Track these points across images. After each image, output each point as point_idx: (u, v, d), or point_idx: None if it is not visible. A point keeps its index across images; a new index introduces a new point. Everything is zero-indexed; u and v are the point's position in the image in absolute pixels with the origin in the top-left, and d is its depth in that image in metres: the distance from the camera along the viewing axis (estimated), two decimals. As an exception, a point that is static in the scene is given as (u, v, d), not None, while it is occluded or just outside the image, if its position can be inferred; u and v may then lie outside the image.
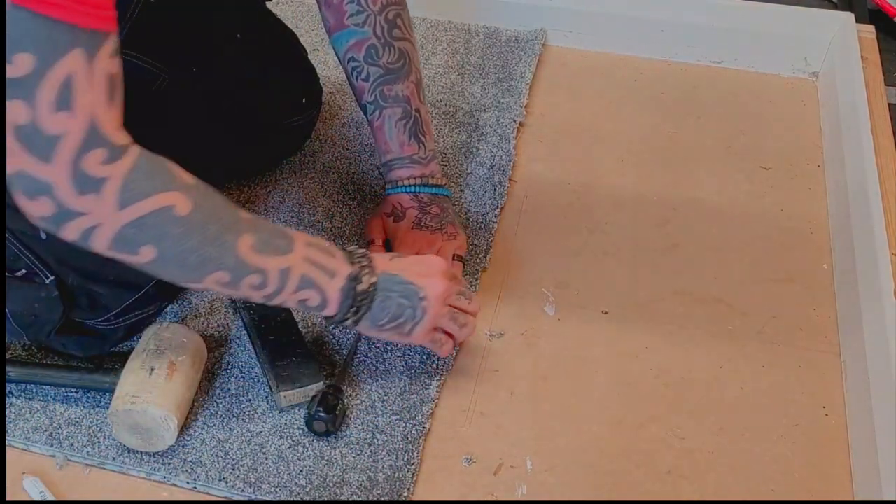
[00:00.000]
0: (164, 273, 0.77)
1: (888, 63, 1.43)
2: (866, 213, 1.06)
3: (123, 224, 0.71)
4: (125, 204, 0.70)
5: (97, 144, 0.68)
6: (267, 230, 0.80)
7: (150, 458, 0.87)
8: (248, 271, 0.78)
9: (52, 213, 0.70)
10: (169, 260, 0.74)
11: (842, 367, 0.99)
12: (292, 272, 0.81)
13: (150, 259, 0.74)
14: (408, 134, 1.05)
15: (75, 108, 0.66)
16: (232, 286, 0.79)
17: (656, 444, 0.91)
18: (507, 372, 0.97)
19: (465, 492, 0.87)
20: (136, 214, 0.71)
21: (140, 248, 0.73)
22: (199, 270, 0.76)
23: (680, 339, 1.01)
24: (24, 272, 0.89)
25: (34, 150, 0.66)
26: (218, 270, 0.76)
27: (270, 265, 0.79)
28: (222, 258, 0.76)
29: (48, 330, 0.90)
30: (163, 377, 0.86)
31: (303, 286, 0.82)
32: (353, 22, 1.02)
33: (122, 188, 0.69)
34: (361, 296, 0.85)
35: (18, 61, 0.63)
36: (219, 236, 0.75)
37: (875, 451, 0.86)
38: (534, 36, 1.45)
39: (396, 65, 1.03)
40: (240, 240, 0.77)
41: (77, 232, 0.71)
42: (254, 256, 0.78)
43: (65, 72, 0.64)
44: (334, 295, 0.84)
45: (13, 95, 0.64)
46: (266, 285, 0.80)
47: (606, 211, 1.17)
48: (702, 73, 1.43)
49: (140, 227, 0.71)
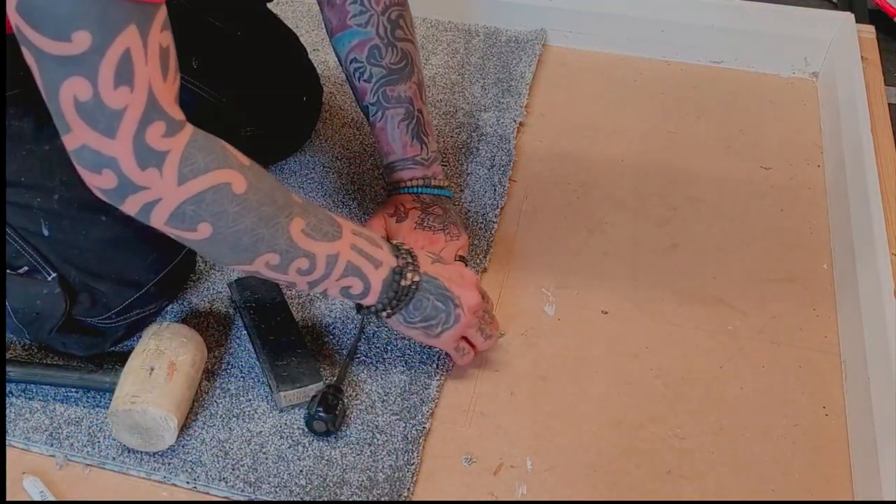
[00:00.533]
0: (216, 251, 0.77)
1: (888, 63, 1.43)
2: (866, 213, 1.06)
3: (183, 200, 0.72)
4: (184, 179, 0.71)
5: (157, 117, 0.69)
6: (317, 215, 0.81)
7: (150, 458, 0.87)
8: (297, 254, 0.79)
9: (114, 187, 0.71)
10: (223, 238, 0.75)
11: (842, 367, 0.99)
12: (339, 258, 0.82)
13: (205, 236, 0.75)
14: (410, 135, 1.05)
15: (135, 82, 0.67)
16: (280, 269, 0.80)
17: (656, 444, 0.91)
18: (507, 372, 0.97)
19: (465, 492, 0.87)
20: (196, 190, 0.72)
21: (198, 224, 0.74)
22: (251, 251, 0.77)
23: (680, 339, 1.01)
24: (27, 269, 0.90)
25: (97, 126, 0.67)
26: (269, 252, 0.77)
27: (319, 250, 0.80)
28: (275, 240, 0.77)
29: (49, 327, 0.90)
30: (163, 377, 0.86)
31: (348, 273, 0.83)
32: (356, 22, 1.01)
33: (182, 162, 0.71)
34: (404, 290, 0.86)
35: (77, 38, 0.64)
36: (273, 217, 0.76)
37: (875, 451, 0.86)
38: (534, 36, 1.45)
39: (399, 65, 1.03)
40: (292, 222, 0.78)
41: (138, 206, 0.72)
42: (304, 240, 0.79)
43: (123, 47, 0.65)
44: (377, 285, 0.85)
45: (72, 73, 0.65)
46: (313, 270, 0.81)
47: (606, 211, 1.17)
48: (702, 73, 1.43)
49: (199, 203, 0.73)
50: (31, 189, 0.89)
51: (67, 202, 0.89)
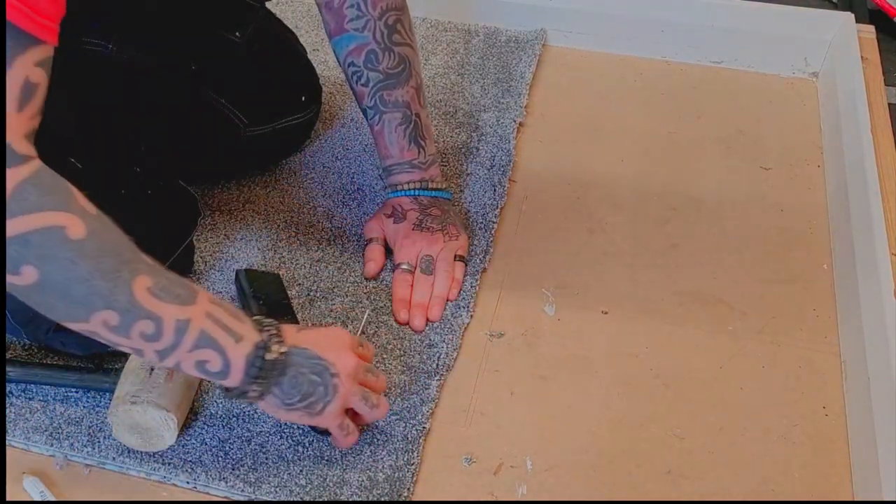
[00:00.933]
0: (45, 301, 0.69)
1: (888, 63, 1.43)
2: (866, 214, 1.06)
3: (7, 238, 0.65)
4: (11, 215, 0.64)
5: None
6: (168, 277, 0.73)
7: (150, 458, 0.87)
8: (140, 315, 0.70)
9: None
10: (52, 287, 0.67)
11: (842, 367, 0.99)
12: (192, 326, 0.73)
13: (31, 282, 0.67)
14: (408, 139, 1.05)
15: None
16: (121, 332, 0.71)
17: (656, 444, 0.91)
18: (507, 372, 0.97)
19: (465, 492, 0.87)
20: (22, 229, 0.65)
21: (21, 266, 0.66)
22: (84, 305, 0.69)
23: (680, 339, 1.01)
24: None
25: None
26: (106, 309, 0.69)
27: (167, 313, 0.71)
28: (113, 295, 0.69)
29: (46, 328, 0.90)
30: (163, 377, 0.86)
31: (202, 345, 0.74)
32: (353, 27, 1.01)
33: (11, 198, 0.64)
34: (270, 365, 0.76)
35: None
36: (113, 271, 0.69)
37: (875, 451, 0.86)
38: (534, 36, 1.45)
39: (396, 70, 1.03)
40: (136, 279, 0.70)
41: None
42: (150, 300, 0.70)
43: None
44: (239, 362, 0.75)
45: None
46: (160, 336, 0.72)
47: (606, 211, 1.17)
48: (702, 73, 1.43)
49: (24, 243, 0.65)
50: None
51: None
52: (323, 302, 1.02)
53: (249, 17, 1.12)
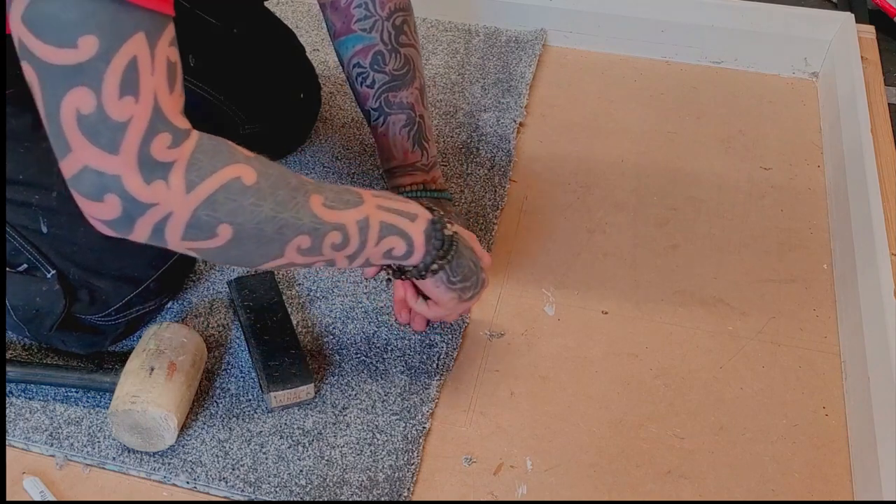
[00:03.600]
0: (242, 253, 0.73)
1: (888, 63, 1.43)
2: (866, 214, 1.06)
3: (195, 207, 0.68)
4: (193, 185, 0.68)
5: (162, 128, 0.66)
6: (333, 189, 0.78)
7: (150, 458, 0.87)
8: (327, 228, 0.76)
9: (120, 213, 0.67)
10: (247, 235, 0.71)
11: (842, 367, 0.99)
12: (371, 221, 0.79)
13: (228, 238, 0.71)
14: (411, 141, 1.04)
15: (140, 92, 0.64)
16: (314, 251, 0.76)
17: (656, 444, 0.91)
18: (507, 372, 0.97)
19: (465, 492, 0.87)
20: (206, 193, 0.68)
21: (217, 227, 0.70)
22: (278, 240, 0.73)
23: (680, 339, 1.01)
24: (26, 267, 0.90)
25: (100, 141, 0.64)
26: (297, 235, 0.74)
27: (348, 218, 0.77)
28: (299, 220, 0.74)
29: (49, 325, 0.90)
30: (163, 377, 0.86)
31: (385, 233, 0.80)
32: (361, 27, 1.01)
33: (188, 170, 0.67)
34: (448, 241, 0.84)
35: (83, 44, 0.61)
36: (290, 198, 0.73)
37: (875, 451, 0.86)
38: (534, 36, 1.45)
39: (402, 71, 1.03)
40: (311, 199, 0.75)
41: (149, 227, 0.68)
42: (329, 213, 0.76)
43: (130, 54, 0.63)
44: (419, 238, 0.82)
45: (75, 83, 0.62)
46: (348, 242, 0.77)
47: (606, 211, 1.17)
48: (702, 73, 1.43)
49: (212, 205, 0.69)
50: (29, 187, 0.89)
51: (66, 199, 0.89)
52: (323, 302, 1.02)
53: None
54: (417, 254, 0.83)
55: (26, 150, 0.90)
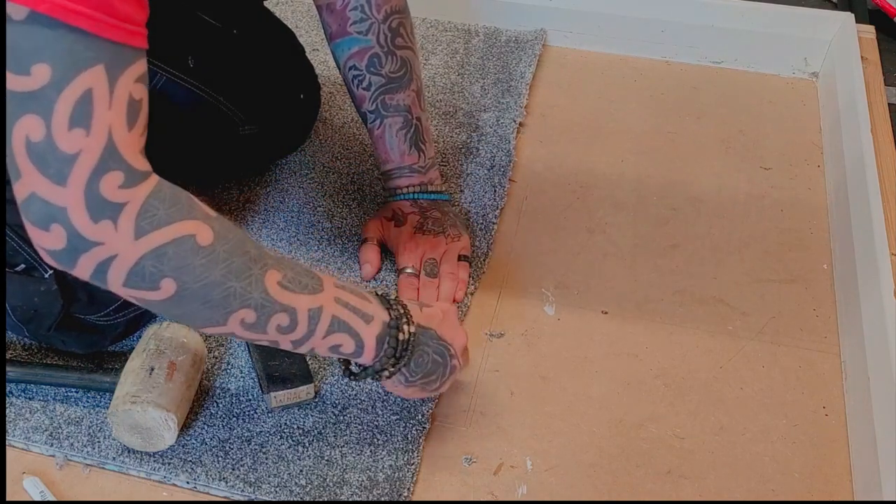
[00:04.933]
0: (184, 311, 0.70)
1: (888, 63, 1.43)
2: (866, 214, 1.06)
3: (141, 254, 0.65)
4: (143, 232, 0.65)
5: (114, 166, 0.63)
6: (293, 268, 0.75)
7: (150, 458, 0.87)
8: (275, 309, 0.72)
9: (64, 245, 0.64)
10: (191, 295, 0.68)
11: (842, 367, 0.99)
12: (323, 313, 0.75)
13: (170, 294, 0.68)
14: (408, 144, 1.05)
15: (92, 126, 0.62)
16: (258, 328, 0.73)
17: (656, 444, 0.91)
18: (507, 372, 0.97)
19: (465, 492, 0.87)
20: (155, 244, 0.66)
21: (160, 281, 0.67)
22: (222, 307, 0.70)
23: (680, 339, 1.01)
24: (24, 267, 0.90)
25: (47, 171, 0.62)
26: (243, 308, 0.71)
27: (300, 303, 0.73)
28: (248, 293, 0.70)
29: (48, 324, 0.90)
30: (163, 377, 0.86)
31: (335, 329, 0.76)
32: (357, 30, 1.01)
33: (140, 215, 0.65)
34: (403, 346, 0.80)
35: (35, 72, 0.60)
36: (245, 269, 0.70)
37: (875, 451, 0.86)
38: (534, 36, 1.45)
39: (398, 73, 1.03)
40: (267, 274, 0.71)
41: (91, 265, 0.66)
42: (282, 293, 0.72)
43: (84, 86, 0.61)
44: (371, 342, 0.79)
45: (27, 109, 0.61)
46: (295, 327, 0.74)
47: (606, 211, 1.17)
48: (702, 73, 1.43)
49: (159, 257, 0.66)
50: None
51: None
52: (323, 302, 1.02)
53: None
54: (367, 356, 0.80)
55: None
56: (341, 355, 0.80)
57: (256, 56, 1.12)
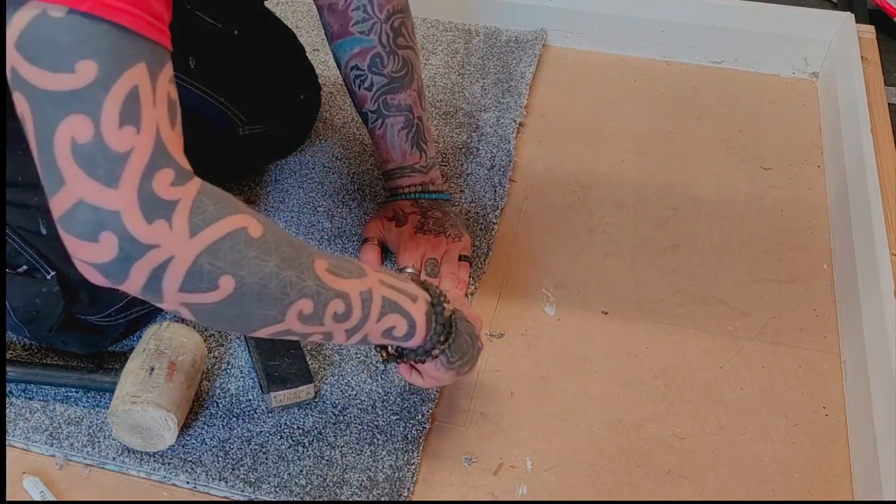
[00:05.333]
0: (241, 311, 0.67)
1: (888, 63, 1.43)
2: (866, 214, 1.06)
3: (198, 253, 0.63)
4: (197, 229, 0.63)
5: (164, 164, 0.61)
6: (336, 256, 0.74)
7: (150, 458, 0.87)
8: (330, 295, 0.71)
9: (115, 255, 0.61)
10: (249, 291, 0.66)
11: (842, 367, 0.99)
12: (374, 295, 0.74)
13: (229, 293, 0.65)
14: (410, 143, 1.05)
15: (142, 123, 0.60)
16: (315, 318, 0.71)
17: (656, 444, 0.91)
18: (507, 372, 0.97)
19: (465, 492, 0.87)
20: (210, 239, 0.63)
21: (218, 279, 0.64)
22: (280, 300, 0.68)
23: (680, 339, 1.01)
24: (26, 268, 0.90)
25: (97, 173, 0.59)
26: (301, 298, 0.69)
27: (351, 287, 0.72)
28: (303, 282, 0.69)
29: (49, 325, 0.90)
30: (163, 377, 0.86)
31: (388, 310, 0.75)
32: (359, 30, 1.01)
33: (193, 212, 0.62)
34: (448, 322, 0.80)
35: (81, 69, 0.57)
36: (295, 258, 0.69)
37: (875, 451, 0.86)
38: (534, 36, 1.45)
39: (400, 73, 1.03)
40: (315, 262, 0.70)
41: (146, 273, 0.62)
42: (333, 279, 0.71)
43: (131, 83, 0.59)
44: (421, 319, 0.78)
45: (71, 110, 0.58)
46: (350, 313, 0.73)
47: (606, 211, 1.17)
48: (702, 73, 1.43)
49: (215, 254, 0.64)
50: (28, 188, 0.89)
51: None
52: (323, 302, 1.02)
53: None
54: (418, 336, 0.79)
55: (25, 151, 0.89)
56: (394, 340, 0.78)
57: (257, 56, 1.12)
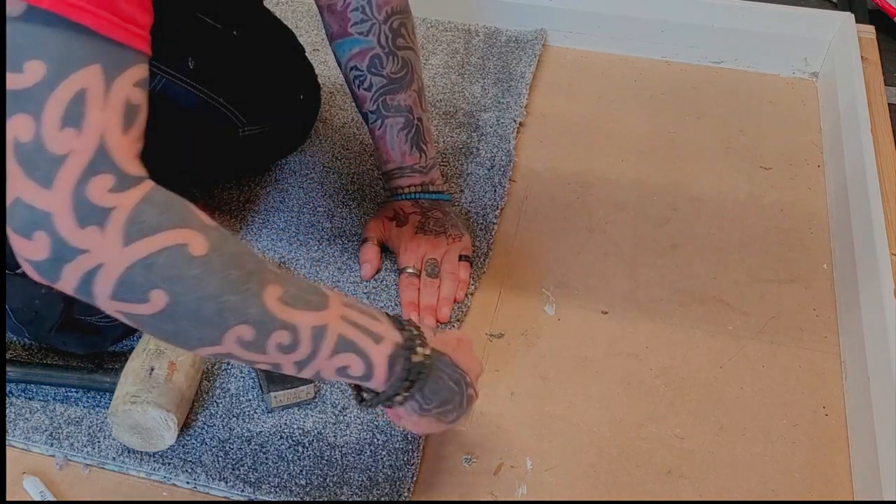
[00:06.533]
0: (176, 328, 0.65)
1: (888, 63, 1.43)
2: (866, 214, 1.06)
3: (130, 263, 0.61)
4: (131, 239, 0.61)
5: (104, 169, 0.60)
6: (297, 284, 0.70)
7: (150, 458, 0.87)
8: (275, 326, 0.67)
9: (48, 255, 0.61)
10: (183, 309, 0.64)
11: (842, 367, 0.99)
12: (328, 331, 0.70)
13: (160, 308, 0.63)
14: (409, 144, 1.05)
15: (84, 126, 0.59)
16: (257, 347, 0.68)
17: (656, 444, 0.91)
18: (507, 372, 0.97)
19: (465, 492, 0.87)
20: (145, 252, 0.61)
21: (149, 292, 0.62)
22: (217, 324, 0.65)
23: (680, 339, 1.01)
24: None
25: (34, 174, 0.59)
26: (239, 324, 0.65)
27: (302, 320, 0.68)
28: (245, 308, 0.65)
29: (48, 326, 0.90)
30: (163, 377, 0.86)
31: (342, 349, 0.71)
32: (357, 30, 1.01)
33: (129, 221, 0.61)
34: (417, 368, 0.74)
35: (29, 69, 0.57)
36: (241, 283, 0.65)
37: (875, 451, 0.86)
38: (534, 36, 1.45)
39: (399, 74, 1.03)
40: (266, 289, 0.67)
41: (76, 276, 0.62)
42: (282, 309, 0.67)
43: (78, 85, 0.58)
44: (381, 361, 0.73)
45: (18, 108, 0.58)
46: (297, 346, 0.69)
47: (606, 211, 1.17)
48: (702, 73, 1.43)
49: (148, 267, 0.62)
50: None
51: None
52: (323, 302, 1.02)
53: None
54: (377, 379, 0.74)
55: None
56: (350, 379, 0.74)
57: (256, 57, 1.12)
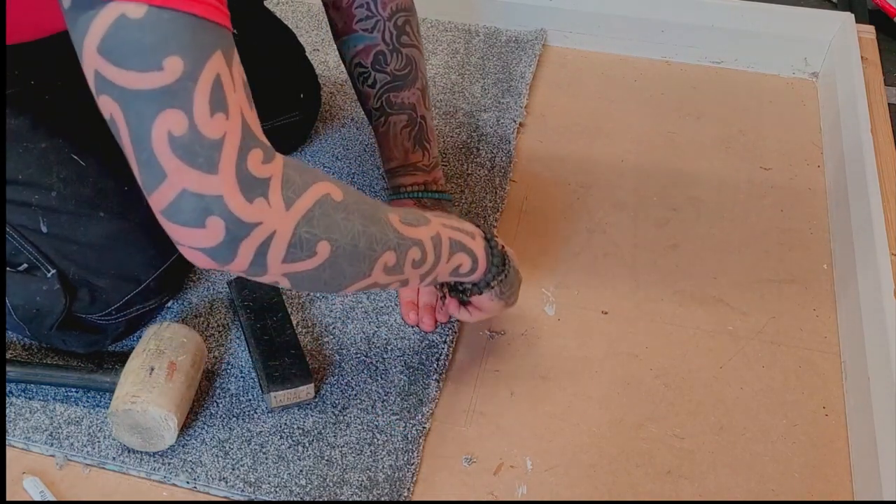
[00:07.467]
0: (336, 273, 0.72)
1: (888, 63, 1.43)
2: (866, 214, 1.06)
3: (295, 224, 0.67)
4: (290, 202, 0.66)
5: (253, 144, 0.64)
6: (399, 208, 0.79)
7: (150, 458, 0.87)
8: (408, 244, 0.76)
9: (223, 237, 0.64)
10: (342, 252, 0.71)
11: (842, 367, 0.99)
12: (442, 238, 0.80)
13: (326, 257, 0.70)
14: (413, 142, 1.04)
15: (229, 109, 0.62)
16: (398, 269, 0.76)
17: (656, 444, 0.91)
18: (507, 372, 0.97)
19: (465, 492, 0.87)
20: (304, 209, 0.67)
21: (316, 245, 0.68)
22: (368, 256, 0.73)
23: (680, 339, 1.01)
24: (26, 266, 0.90)
25: (196, 161, 0.61)
26: (386, 251, 0.74)
27: (423, 235, 0.78)
28: (385, 235, 0.74)
29: (49, 324, 0.90)
30: (163, 377, 0.86)
31: (455, 250, 0.81)
32: (362, 27, 1.01)
33: (284, 186, 0.66)
34: (502, 255, 0.86)
35: (168, 65, 0.59)
36: (374, 214, 0.74)
37: (875, 451, 0.86)
38: (534, 36, 1.45)
39: (403, 71, 1.03)
40: (389, 216, 0.76)
41: (252, 251, 0.65)
42: (408, 229, 0.77)
43: (214, 72, 0.61)
44: (482, 254, 0.84)
45: (165, 105, 0.60)
46: (426, 258, 0.78)
47: (606, 211, 1.17)
48: (702, 73, 1.43)
49: (310, 222, 0.68)
50: (28, 186, 0.89)
51: (65, 199, 0.89)
52: (323, 302, 1.02)
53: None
54: (480, 270, 0.85)
55: (25, 149, 0.90)
56: (459, 277, 0.84)
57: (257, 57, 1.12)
